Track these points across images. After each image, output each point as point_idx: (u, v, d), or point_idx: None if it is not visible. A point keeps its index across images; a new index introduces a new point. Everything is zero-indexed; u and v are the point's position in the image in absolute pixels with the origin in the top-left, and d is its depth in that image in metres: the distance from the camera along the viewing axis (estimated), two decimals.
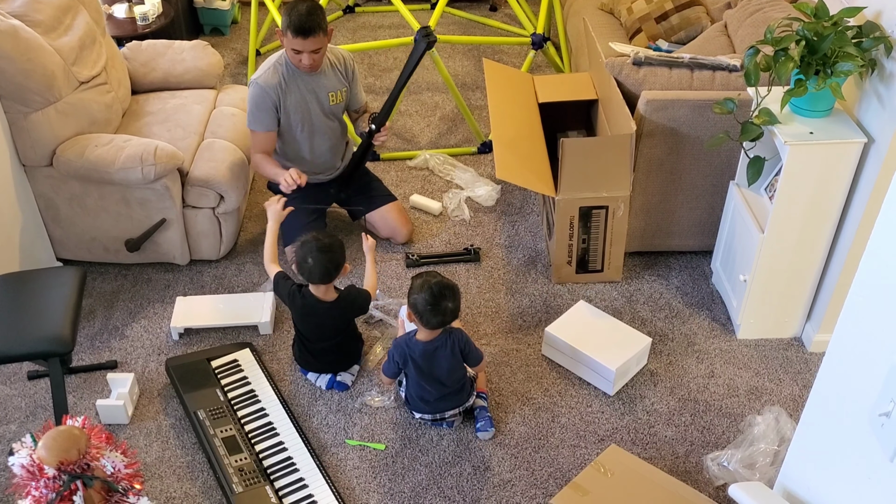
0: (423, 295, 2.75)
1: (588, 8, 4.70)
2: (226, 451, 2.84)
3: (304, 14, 3.24)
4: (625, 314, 3.44)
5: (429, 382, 2.88)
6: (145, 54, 3.99)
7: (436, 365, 2.86)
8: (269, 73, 3.42)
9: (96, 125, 3.49)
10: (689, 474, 2.85)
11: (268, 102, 3.41)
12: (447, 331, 2.87)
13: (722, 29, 3.82)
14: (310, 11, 3.25)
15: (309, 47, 3.30)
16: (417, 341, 2.86)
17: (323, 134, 3.60)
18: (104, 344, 3.32)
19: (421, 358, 2.85)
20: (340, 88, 3.57)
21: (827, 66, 2.72)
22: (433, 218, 3.97)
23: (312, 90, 3.48)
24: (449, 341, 2.86)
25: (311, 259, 2.94)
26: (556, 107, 3.85)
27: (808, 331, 3.30)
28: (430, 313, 2.75)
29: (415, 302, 2.78)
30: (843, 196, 2.95)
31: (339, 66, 3.56)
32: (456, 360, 2.88)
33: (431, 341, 2.85)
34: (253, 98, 3.43)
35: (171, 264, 3.69)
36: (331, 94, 3.53)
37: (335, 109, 3.60)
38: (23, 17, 3.26)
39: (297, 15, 3.24)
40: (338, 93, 3.56)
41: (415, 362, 2.86)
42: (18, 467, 2.00)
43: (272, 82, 3.41)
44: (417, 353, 2.85)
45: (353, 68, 3.61)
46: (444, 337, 2.86)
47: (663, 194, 3.48)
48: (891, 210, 1.49)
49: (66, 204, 3.47)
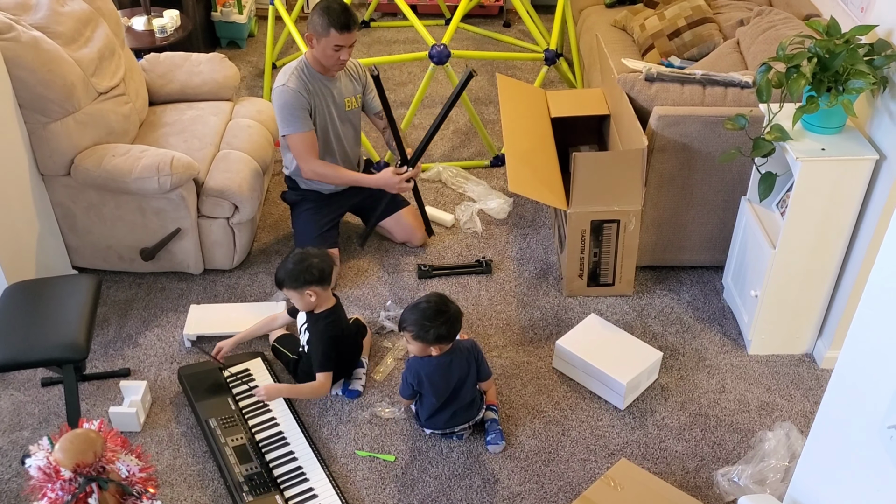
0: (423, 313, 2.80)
1: (601, 24, 4.73)
2: (236, 460, 2.85)
3: (341, 10, 3.33)
4: (636, 328, 3.44)
5: (444, 400, 2.89)
6: (163, 66, 4.04)
7: (452, 377, 2.87)
8: (294, 77, 3.45)
9: (114, 135, 3.54)
10: (699, 489, 2.85)
11: (303, 103, 3.45)
12: (457, 342, 2.89)
13: (734, 46, 3.84)
14: (344, 7, 3.36)
15: (351, 41, 3.38)
16: (431, 358, 2.87)
17: (340, 139, 3.64)
18: (118, 352, 3.35)
19: (436, 372, 2.86)
20: (356, 94, 3.63)
21: (839, 84, 2.73)
22: (445, 230, 3.99)
23: (331, 94, 3.53)
24: (463, 353, 2.87)
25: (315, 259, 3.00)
26: (568, 121, 3.87)
27: (819, 347, 3.29)
28: (429, 328, 2.78)
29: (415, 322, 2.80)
30: (854, 212, 2.95)
31: (352, 73, 3.63)
32: (471, 370, 2.89)
33: (444, 356, 2.86)
34: (288, 102, 3.43)
35: (184, 273, 3.72)
36: (347, 99, 3.59)
37: (351, 115, 3.65)
38: (44, 28, 3.31)
39: (336, 13, 3.32)
40: (353, 98, 3.62)
41: (430, 380, 2.87)
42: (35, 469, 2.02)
43: (301, 85, 3.45)
44: (432, 370, 2.86)
45: (366, 74, 3.67)
46: (455, 349, 2.88)
47: (675, 209, 3.49)
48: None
49: (82, 213, 3.51)
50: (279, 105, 3.45)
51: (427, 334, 2.79)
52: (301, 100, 3.44)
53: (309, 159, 3.52)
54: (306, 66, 3.48)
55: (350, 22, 3.34)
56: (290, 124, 3.47)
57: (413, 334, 2.81)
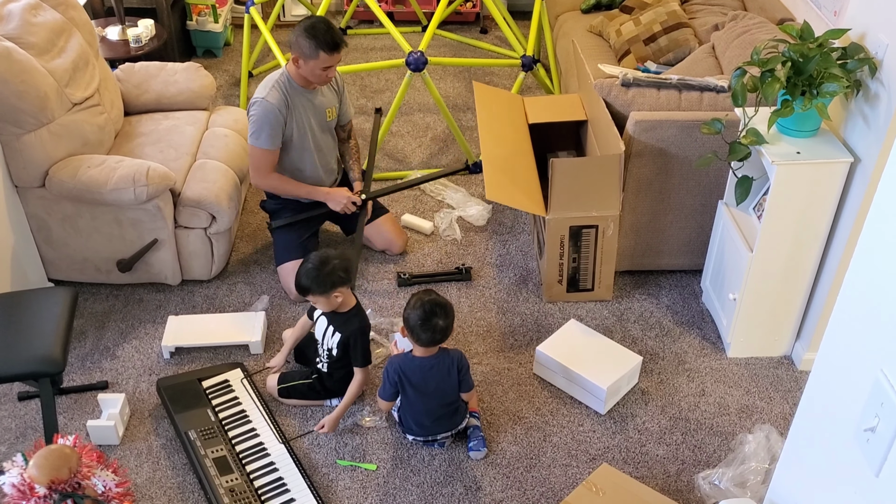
0: (416, 311, 2.78)
1: (577, 30, 4.75)
2: (217, 472, 2.83)
3: (326, 30, 3.32)
4: (616, 333, 3.45)
5: (424, 400, 2.89)
6: (138, 76, 4.01)
7: (431, 382, 2.87)
8: (274, 91, 3.42)
9: (89, 146, 3.51)
10: (680, 493, 2.86)
11: (279, 119, 3.43)
12: (445, 350, 2.88)
13: (710, 50, 3.87)
14: (329, 27, 3.35)
15: (338, 60, 3.38)
16: (414, 357, 2.87)
17: (319, 150, 3.63)
18: (95, 364, 3.32)
19: (416, 374, 2.86)
20: (335, 104, 3.63)
21: (813, 87, 2.76)
22: (424, 237, 3.99)
23: (312, 106, 3.52)
24: (447, 360, 2.87)
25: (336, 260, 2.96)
26: (545, 127, 3.88)
27: (797, 349, 3.31)
28: (421, 329, 2.77)
29: (408, 317, 2.81)
30: (830, 215, 2.98)
31: (333, 83, 3.62)
32: (451, 380, 2.88)
33: (427, 359, 2.86)
34: (264, 116, 3.40)
35: (162, 284, 3.69)
36: (328, 110, 3.58)
37: (330, 125, 3.66)
38: (16, 39, 3.28)
39: (323, 33, 3.30)
40: (333, 108, 3.62)
41: (409, 380, 2.87)
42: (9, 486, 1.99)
43: (279, 101, 3.42)
44: (413, 369, 2.86)
45: (343, 84, 3.68)
46: (441, 356, 2.87)
47: (653, 214, 3.51)
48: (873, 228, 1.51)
49: (58, 224, 3.48)
50: (254, 116, 3.43)
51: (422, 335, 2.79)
52: (277, 117, 3.42)
53: (265, 174, 3.55)
54: (288, 80, 3.45)
55: (338, 41, 3.33)
56: (258, 138, 3.45)
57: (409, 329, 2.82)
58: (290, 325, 3.44)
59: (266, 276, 3.74)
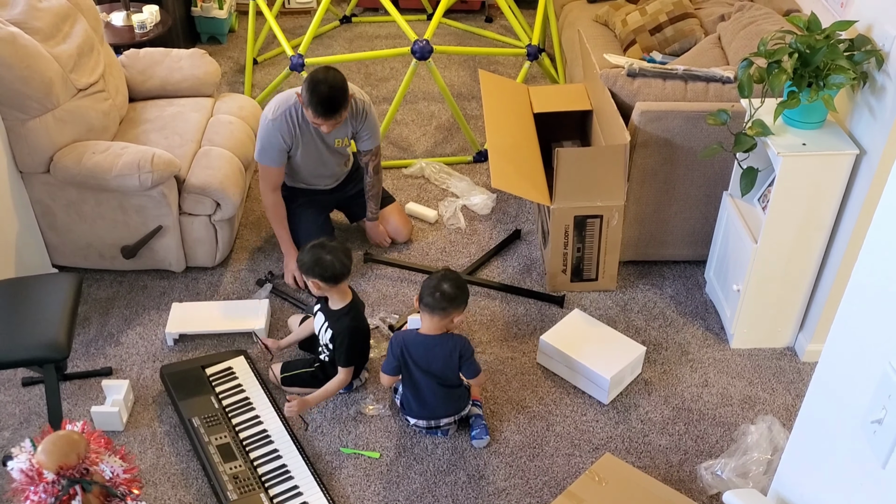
0: (433, 277, 2.87)
1: (583, 20, 4.73)
2: (220, 459, 2.84)
3: (325, 96, 3.18)
4: (619, 323, 3.46)
5: (424, 378, 2.90)
6: (143, 62, 4.00)
7: (431, 361, 2.88)
8: (283, 118, 3.36)
9: (94, 132, 3.50)
10: (682, 483, 2.86)
11: (281, 144, 3.41)
12: (450, 334, 2.90)
13: (716, 41, 3.85)
14: (331, 94, 3.18)
15: (331, 123, 3.29)
16: (418, 334, 2.89)
17: (326, 165, 3.62)
18: (99, 350, 3.32)
19: (418, 349, 2.88)
20: (346, 135, 3.53)
21: (819, 79, 2.75)
22: (429, 226, 3.99)
23: (320, 136, 3.46)
24: (449, 343, 2.88)
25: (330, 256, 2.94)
26: (550, 117, 3.87)
27: (800, 341, 3.31)
28: (428, 290, 2.83)
29: (424, 281, 2.89)
30: (835, 207, 2.97)
31: (350, 117, 3.46)
32: (451, 363, 2.89)
33: (431, 337, 2.87)
34: (267, 137, 3.40)
35: (166, 271, 3.69)
36: (337, 140, 3.52)
37: (341, 149, 3.60)
38: (22, 24, 3.27)
39: (319, 96, 3.17)
40: (344, 139, 3.55)
41: (410, 354, 2.88)
42: (17, 472, 2.00)
43: (285, 129, 3.38)
44: (416, 345, 2.88)
45: (366, 113, 3.49)
46: (445, 338, 2.88)
47: (657, 204, 3.50)
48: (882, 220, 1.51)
49: (62, 210, 3.48)
50: (260, 135, 3.45)
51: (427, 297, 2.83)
52: (280, 143, 3.40)
53: (266, 190, 3.55)
54: (297, 110, 3.38)
55: (329, 112, 3.21)
56: (262, 157, 3.47)
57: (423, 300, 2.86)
58: (294, 313, 3.45)
59: (270, 264, 3.74)
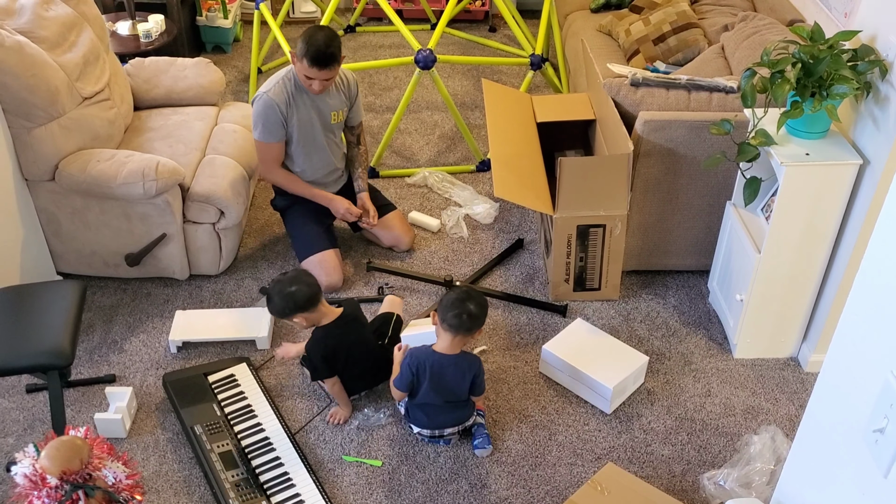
0: (453, 294, 2.84)
1: (586, 29, 4.75)
2: (223, 466, 2.84)
3: (321, 45, 3.25)
4: (622, 332, 3.45)
5: (433, 394, 2.89)
6: (148, 71, 4.02)
7: (445, 379, 2.87)
8: (278, 87, 3.44)
9: (99, 140, 3.52)
10: (685, 493, 2.86)
11: (277, 115, 3.44)
12: (465, 353, 2.90)
13: (719, 51, 3.86)
14: (327, 43, 3.27)
15: (322, 77, 3.34)
16: (434, 352, 2.88)
17: (322, 150, 3.63)
18: (103, 358, 3.33)
19: (434, 368, 2.87)
20: (342, 108, 3.61)
21: (823, 89, 2.75)
22: (431, 235, 4.00)
23: (317, 108, 3.52)
24: (464, 363, 2.87)
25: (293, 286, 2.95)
26: (554, 126, 3.88)
27: (804, 351, 3.31)
28: (451, 308, 2.80)
29: (443, 298, 2.86)
30: (838, 217, 2.97)
31: (342, 87, 3.59)
32: (464, 383, 2.89)
33: (448, 356, 2.86)
34: (263, 111, 3.44)
35: (170, 279, 3.70)
36: (333, 112, 3.57)
37: (335, 127, 3.64)
38: (28, 33, 3.29)
39: (315, 45, 3.25)
40: (339, 112, 3.60)
41: (424, 372, 2.87)
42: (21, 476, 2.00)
43: (281, 97, 3.43)
44: (431, 363, 2.87)
45: (356, 89, 3.65)
46: (461, 357, 2.87)
47: (660, 214, 3.51)
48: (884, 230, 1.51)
49: (67, 218, 3.49)
50: (255, 111, 3.48)
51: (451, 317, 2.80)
52: (276, 114, 3.43)
53: (270, 168, 3.59)
54: (294, 78, 3.47)
55: (324, 61, 3.27)
56: (264, 133, 3.49)
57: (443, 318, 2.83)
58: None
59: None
